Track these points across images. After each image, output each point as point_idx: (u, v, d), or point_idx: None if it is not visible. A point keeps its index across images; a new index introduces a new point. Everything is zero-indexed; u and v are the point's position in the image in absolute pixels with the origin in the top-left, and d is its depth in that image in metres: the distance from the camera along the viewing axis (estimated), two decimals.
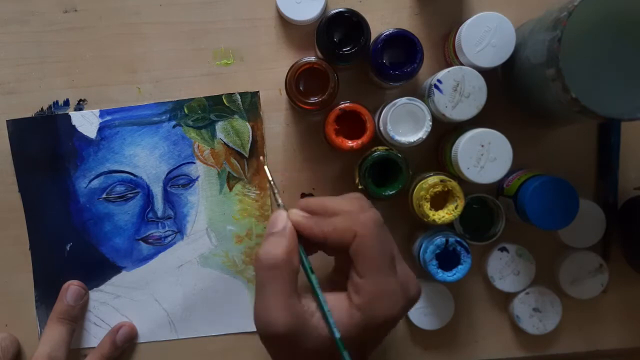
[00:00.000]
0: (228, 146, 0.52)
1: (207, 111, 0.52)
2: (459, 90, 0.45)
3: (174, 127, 0.52)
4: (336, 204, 0.41)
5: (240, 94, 0.52)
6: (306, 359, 0.39)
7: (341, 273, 0.42)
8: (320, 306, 0.39)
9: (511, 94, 0.51)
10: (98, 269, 0.53)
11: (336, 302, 0.39)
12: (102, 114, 0.52)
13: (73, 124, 0.52)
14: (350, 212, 0.40)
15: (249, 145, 0.52)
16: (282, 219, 0.40)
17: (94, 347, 0.52)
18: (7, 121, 0.52)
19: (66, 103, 0.52)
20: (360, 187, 0.48)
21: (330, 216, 0.40)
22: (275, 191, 0.43)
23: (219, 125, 0.52)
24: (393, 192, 0.48)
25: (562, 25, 0.39)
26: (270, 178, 0.44)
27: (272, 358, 0.41)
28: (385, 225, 0.40)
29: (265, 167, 0.45)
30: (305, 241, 0.41)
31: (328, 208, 0.41)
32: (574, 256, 0.51)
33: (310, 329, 0.38)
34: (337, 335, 0.38)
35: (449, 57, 0.50)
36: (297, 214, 0.41)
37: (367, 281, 0.38)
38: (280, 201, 0.43)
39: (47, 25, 0.51)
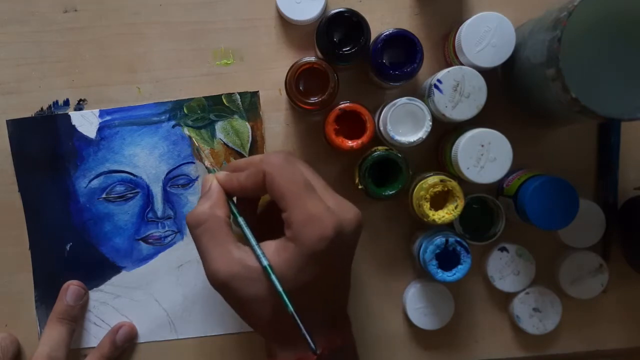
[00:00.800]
0: (228, 146, 0.52)
1: (207, 111, 0.52)
2: (459, 90, 0.45)
3: (173, 127, 0.52)
4: (254, 157, 0.45)
5: (239, 93, 0.52)
6: (255, 307, 0.41)
7: None
8: (249, 242, 0.41)
9: (511, 94, 0.51)
10: (98, 269, 0.53)
11: (274, 243, 0.41)
12: (102, 113, 0.52)
13: (73, 123, 0.52)
14: (261, 158, 0.43)
15: (249, 145, 0.52)
16: (208, 181, 0.44)
17: (94, 347, 0.52)
18: (7, 121, 0.52)
19: (66, 103, 0.52)
20: (360, 187, 0.48)
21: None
22: (203, 155, 0.49)
23: (219, 125, 0.52)
24: (393, 192, 0.48)
25: (562, 25, 0.39)
26: (196, 145, 0.50)
27: (230, 306, 0.43)
28: (298, 160, 0.44)
29: (192, 138, 0.50)
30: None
31: (249, 162, 0.44)
32: (574, 256, 0.51)
33: (250, 272, 0.40)
34: (265, 262, 0.40)
35: (449, 57, 0.50)
36: (221, 173, 0.45)
37: (291, 211, 0.40)
38: (207, 164, 0.48)
39: (47, 25, 0.51)
